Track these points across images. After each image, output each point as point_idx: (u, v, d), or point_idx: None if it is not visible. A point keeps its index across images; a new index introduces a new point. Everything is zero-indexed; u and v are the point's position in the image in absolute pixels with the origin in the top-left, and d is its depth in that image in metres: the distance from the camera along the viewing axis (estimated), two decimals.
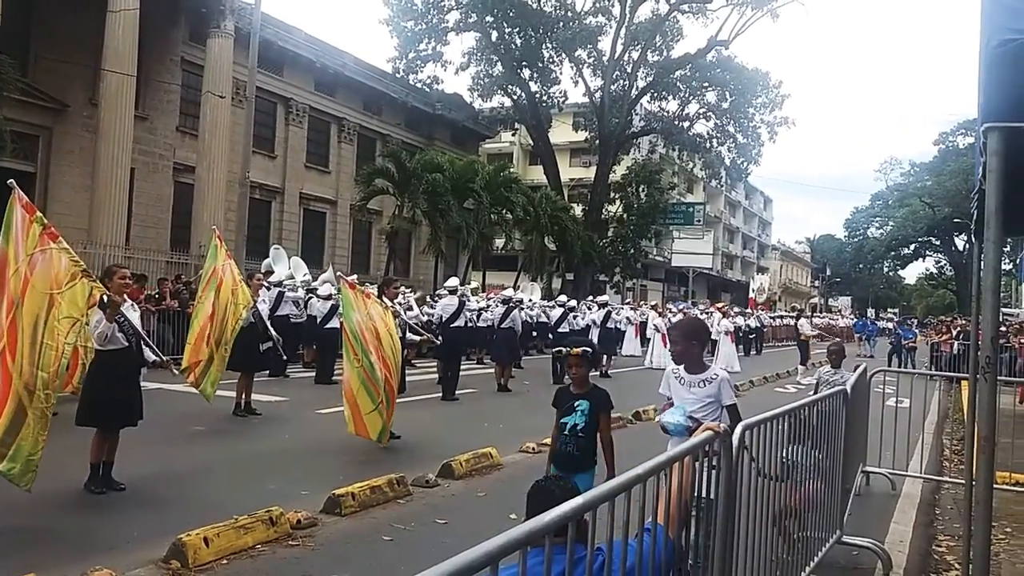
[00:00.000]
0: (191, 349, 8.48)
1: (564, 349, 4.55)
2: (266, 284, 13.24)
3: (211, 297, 8.57)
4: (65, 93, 20.48)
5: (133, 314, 6.36)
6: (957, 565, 5.02)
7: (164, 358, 6.58)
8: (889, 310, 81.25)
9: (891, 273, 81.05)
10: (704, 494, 2.67)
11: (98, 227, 18.95)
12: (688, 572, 2.63)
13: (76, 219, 19.81)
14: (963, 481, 5.60)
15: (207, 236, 21.77)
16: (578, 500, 1.85)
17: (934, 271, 72.13)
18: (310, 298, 15.18)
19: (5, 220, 5.48)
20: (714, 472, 2.71)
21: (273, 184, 28.42)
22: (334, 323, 14.27)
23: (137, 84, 20.36)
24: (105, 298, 5.86)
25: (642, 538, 2.23)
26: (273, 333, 10.29)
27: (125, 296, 6.30)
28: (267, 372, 11.89)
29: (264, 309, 10.82)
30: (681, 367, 4.09)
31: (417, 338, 11.29)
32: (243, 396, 9.96)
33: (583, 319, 19.12)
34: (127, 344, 6.15)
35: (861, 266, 72.40)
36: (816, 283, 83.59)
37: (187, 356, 8.52)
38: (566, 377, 15.63)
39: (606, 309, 18.81)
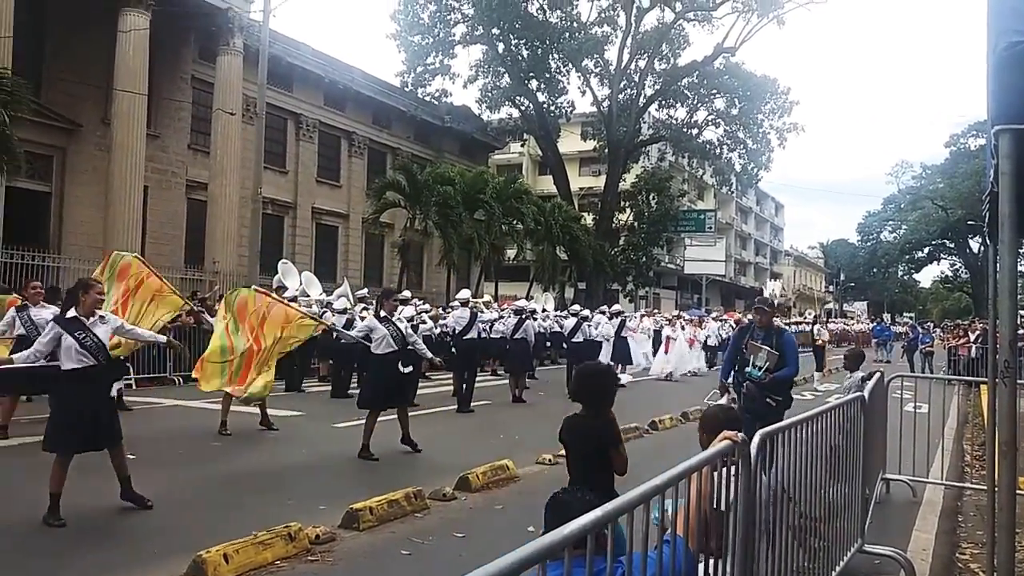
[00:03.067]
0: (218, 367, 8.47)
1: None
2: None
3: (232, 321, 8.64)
4: (78, 113, 20.70)
5: (102, 327, 6.05)
6: (981, 573, 4.96)
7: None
8: (905, 314, 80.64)
9: (906, 277, 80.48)
10: (723, 505, 2.66)
11: (113, 245, 19.04)
12: None
13: (91, 237, 19.99)
14: (985, 487, 5.55)
15: (220, 251, 22.05)
16: (597, 512, 1.85)
17: (949, 274, 71.59)
18: (324, 312, 15.23)
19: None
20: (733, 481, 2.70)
21: (285, 199, 28.59)
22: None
23: (148, 102, 20.56)
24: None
25: (662, 549, 2.22)
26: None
27: (96, 311, 6.07)
28: (283, 386, 11.89)
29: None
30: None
31: (428, 355, 10.92)
32: (260, 413, 9.99)
33: (597, 329, 19.07)
34: (94, 362, 5.88)
35: (875, 270, 71.97)
36: (830, 288, 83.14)
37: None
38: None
39: (620, 318, 18.77)
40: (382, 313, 8.92)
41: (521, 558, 1.50)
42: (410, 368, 9.40)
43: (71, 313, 5.99)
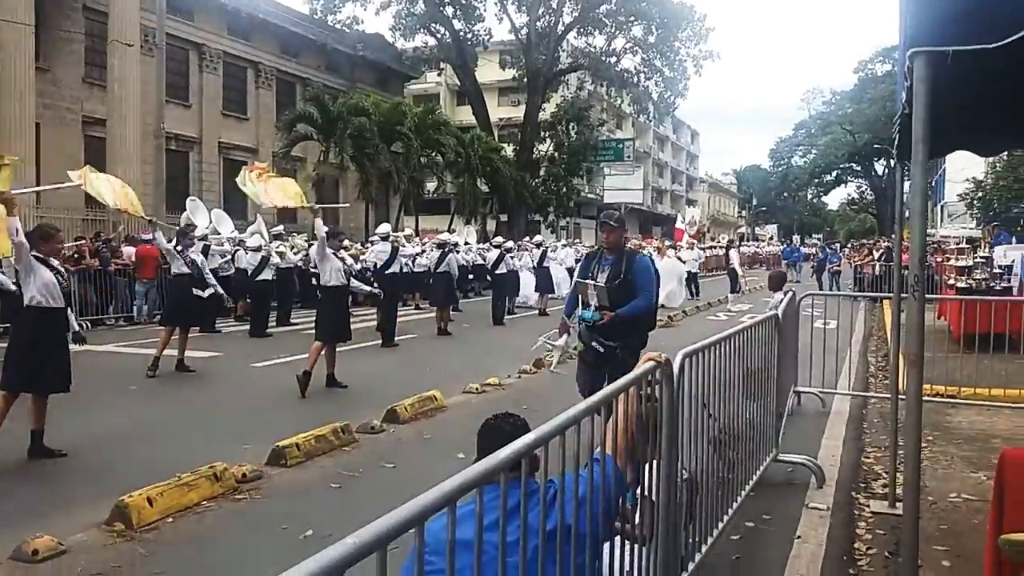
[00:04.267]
0: None
1: None
2: (190, 238, 12.81)
3: None
4: None
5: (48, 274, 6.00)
6: (884, 475, 5.30)
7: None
8: (813, 236, 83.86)
9: (815, 200, 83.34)
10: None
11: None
12: (637, 499, 2.69)
13: None
14: (889, 396, 5.89)
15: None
16: (530, 436, 1.86)
17: (855, 196, 74.33)
18: (237, 251, 14.78)
19: None
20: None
21: (190, 134, 27.32)
22: (266, 275, 13.99)
23: (36, 34, 19.14)
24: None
25: (592, 468, 2.27)
26: (212, 281, 10.20)
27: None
28: (198, 328, 11.49)
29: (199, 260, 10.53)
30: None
31: (367, 288, 11.10)
32: (177, 354, 9.70)
33: (520, 261, 19.19)
34: (63, 305, 5.99)
35: (786, 194, 74.18)
36: (743, 213, 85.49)
37: None
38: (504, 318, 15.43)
39: (542, 249, 18.91)
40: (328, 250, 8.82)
41: (459, 484, 1.50)
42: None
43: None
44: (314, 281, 12.61)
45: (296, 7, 32.42)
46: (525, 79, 37.18)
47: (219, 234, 15.66)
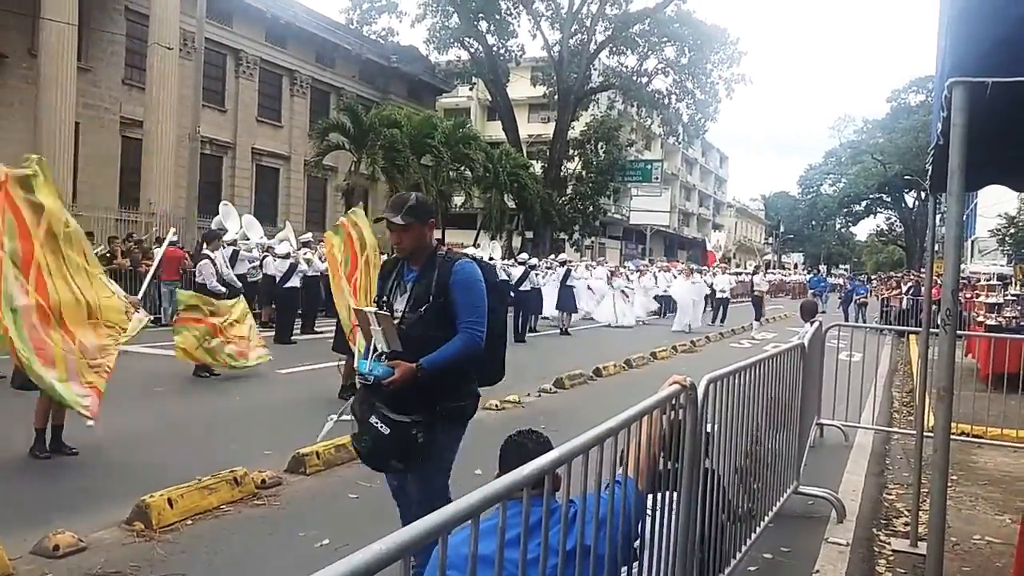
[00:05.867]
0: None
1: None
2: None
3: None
4: (2, 43, 19.58)
5: None
6: (906, 512, 5.21)
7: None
8: (840, 266, 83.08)
9: (843, 230, 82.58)
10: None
11: None
12: (656, 521, 2.68)
13: None
14: (912, 432, 5.81)
15: (156, 192, 21.32)
16: (553, 454, 1.87)
17: (884, 227, 73.63)
18: (265, 257, 14.94)
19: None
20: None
21: (224, 139, 27.71)
22: (293, 282, 14.14)
23: (79, 34, 19.57)
24: None
25: (613, 490, 2.27)
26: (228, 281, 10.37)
27: None
28: None
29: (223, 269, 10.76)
30: None
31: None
32: None
33: (544, 278, 19.21)
34: None
35: (814, 223, 73.61)
36: (770, 240, 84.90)
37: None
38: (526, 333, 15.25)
39: (566, 267, 18.91)
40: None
41: (484, 497, 1.51)
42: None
43: None
44: None
45: (333, 16, 32.87)
46: (556, 96, 37.34)
47: (248, 240, 15.85)
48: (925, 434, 4.82)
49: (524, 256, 19.32)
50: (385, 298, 3.43)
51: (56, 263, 5.36)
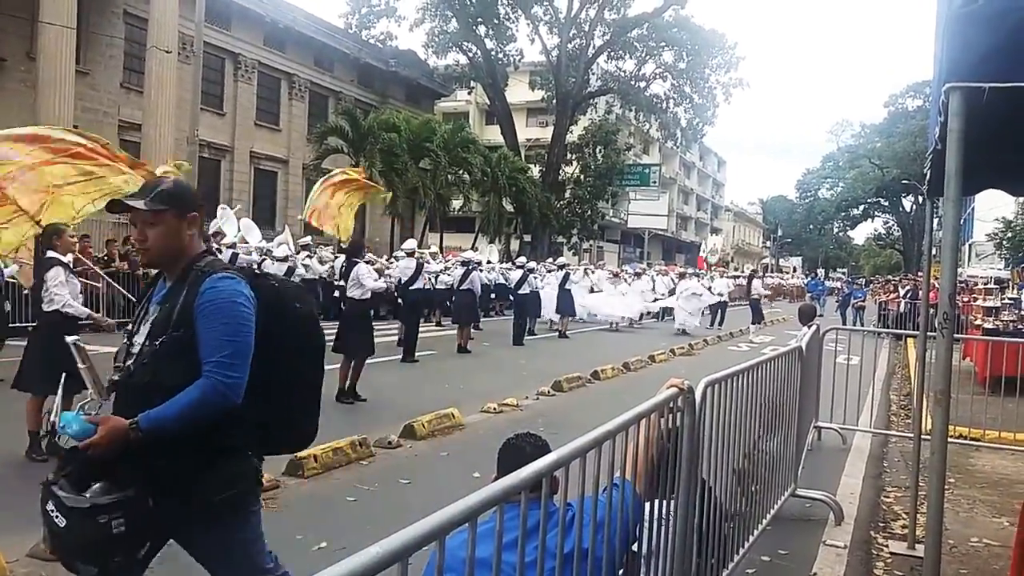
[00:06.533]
0: None
1: None
2: (217, 246, 13.02)
3: None
4: (0, 46, 19.58)
5: (73, 285, 6.10)
6: (904, 515, 5.22)
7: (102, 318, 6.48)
8: (838, 270, 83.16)
9: (840, 234, 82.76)
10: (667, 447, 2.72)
11: None
12: (654, 525, 2.68)
13: None
14: (910, 435, 5.82)
15: None
16: (551, 457, 1.87)
17: (882, 232, 73.77)
18: (264, 260, 14.95)
19: None
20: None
21: (222, 142, 27.72)
22: None
23: (77, 37, 19.58)
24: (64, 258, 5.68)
25: (611, 493, 2.27)
26: None
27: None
28: None
29: None
30: None
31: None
32: None
33: (543, 281, 19.22)
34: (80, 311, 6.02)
35: (811, 227, 73.72)
36: (768, 243, 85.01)
37: None
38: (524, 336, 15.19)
39: (564, 271, 18.92)
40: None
41: (481, 500, 1.51)
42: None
43: (67, 257, 5.97)
44: (336, 294, 12.70)
45: (331, 21, 32.92)
46: (554, 100, 37.41)
47: (247, 243, 15.85)
48: (923, 437, 4.83)
49: (522, 259, 19.33)
50: (131, 327, 2.49)
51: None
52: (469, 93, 44.87)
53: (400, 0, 35.10)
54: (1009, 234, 25.40)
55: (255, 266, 14.97)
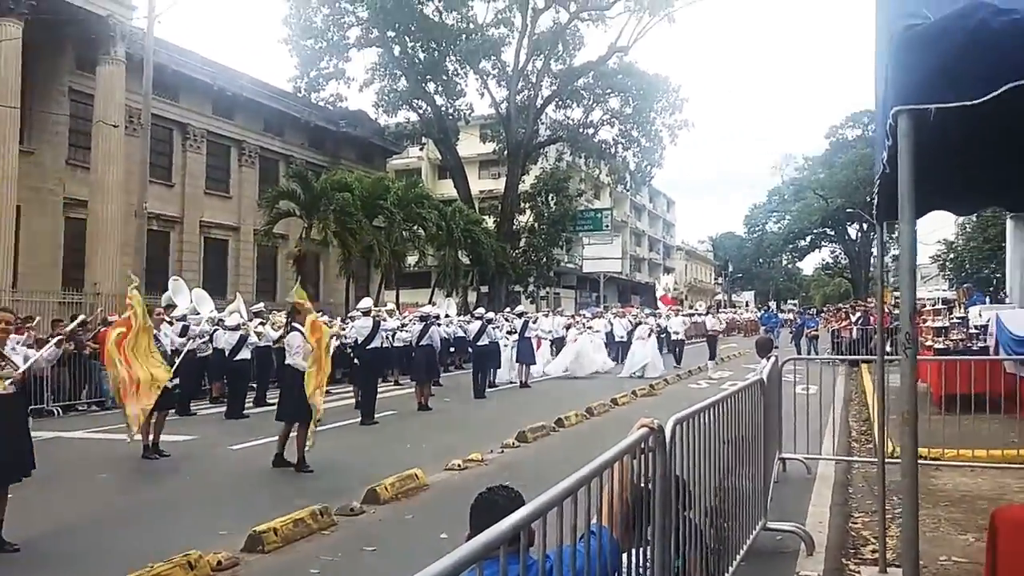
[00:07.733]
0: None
1: None
2: (168, 319, 12.75)
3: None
4: None
5: (17, 356, 5.94)
6: (873, 539, 5.24)
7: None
8: (789, 301, 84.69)
9: (789, 266, 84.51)
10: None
11: None
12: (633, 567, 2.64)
13: None
14: (873, 460, 5.87)
15: (103, 273, 20.83)
16: (528, 508, 1.84)
17: (830, 261, 75.53)
18: (215, 330, 14.60)
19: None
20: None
21: (171, 214, 27.35)
22: (244, 354, 13.90)
23: (21, 117, 19.33)
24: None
25: (588, 540, 2.24)
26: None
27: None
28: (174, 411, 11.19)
29: (168, 342, 10.68)
30: None
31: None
32: (152, 437, 9.46)
33: (501, 332, 19.13)
34: (14, 390, 5.78)
35: (761, 260, 75.24)
36: (719, 280, 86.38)
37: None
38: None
39: (524, 319, 18.89)
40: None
41: (460, 558, 1.47)
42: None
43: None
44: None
45: (280, 85, 33.03)
46: (505, 152, 37.86)
47: (199, 314, 15.52)
48: (889, 461, 4.89)
49: (480, 310, 19.27)
50: None
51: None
52: (421, 149, 45.15)
53: (349, 62, 35.22)
54: (951, 255, 26.20)
55: (206, 336, 14.66)
